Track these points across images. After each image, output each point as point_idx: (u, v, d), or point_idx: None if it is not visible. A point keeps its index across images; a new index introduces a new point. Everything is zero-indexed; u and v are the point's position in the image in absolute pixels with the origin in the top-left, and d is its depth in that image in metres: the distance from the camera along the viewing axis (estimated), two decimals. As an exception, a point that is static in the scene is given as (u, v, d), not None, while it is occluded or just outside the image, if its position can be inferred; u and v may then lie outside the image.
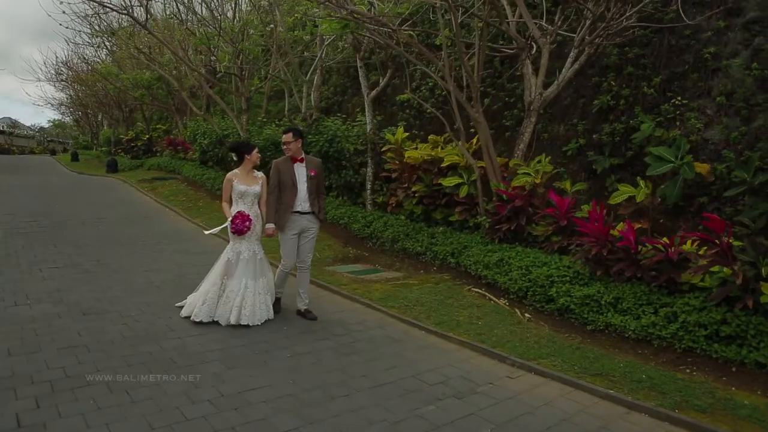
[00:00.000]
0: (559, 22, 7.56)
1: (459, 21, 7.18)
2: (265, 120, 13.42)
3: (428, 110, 10.65)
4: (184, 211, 12.32)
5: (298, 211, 5.58)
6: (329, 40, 10.89)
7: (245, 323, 5.32)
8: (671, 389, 4.09)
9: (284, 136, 5.63)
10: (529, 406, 3.89)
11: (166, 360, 4.44)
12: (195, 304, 5.51)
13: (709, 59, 6.99)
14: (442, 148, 8.79)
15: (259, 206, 5.63)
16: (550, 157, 7.93)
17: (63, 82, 29.73)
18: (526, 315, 5.87)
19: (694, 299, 4.84)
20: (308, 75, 10.92)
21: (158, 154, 21.86)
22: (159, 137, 23.22)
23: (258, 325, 5.39)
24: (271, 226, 5.51)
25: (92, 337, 4.91)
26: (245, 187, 5.46)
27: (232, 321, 5.30)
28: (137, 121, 26.72)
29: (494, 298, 6.37)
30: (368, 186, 10.23)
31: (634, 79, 7.66)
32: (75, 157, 29.57)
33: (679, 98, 7.08)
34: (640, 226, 6.07)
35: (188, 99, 16.09)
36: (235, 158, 5.52)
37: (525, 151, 7.81)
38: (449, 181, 7.91)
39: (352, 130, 10.67)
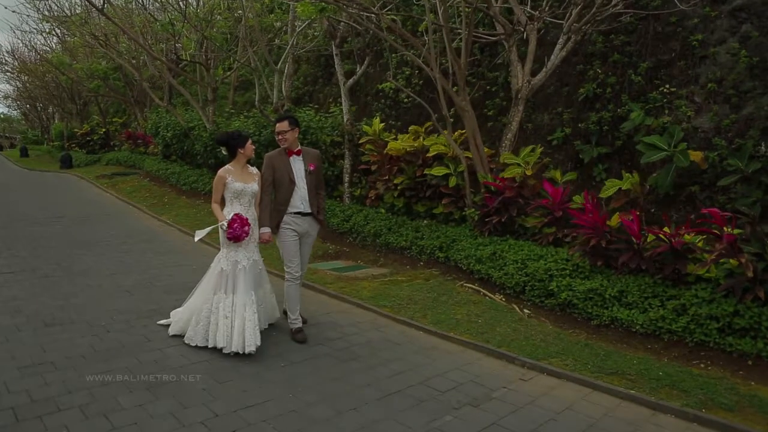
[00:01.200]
0: (546, 8, 7.34)
1: (447, 4, 6.86)
2: (232, 111, 12.82)
3: (405, 100, 10.35)
4: (149, 208, 11.64)
5: (297, 212, 4.88)
6: (301, 27, 10.41)
7: (252, 350, 4.41)
8: (692, 387, 3.91)
9: (278, 125, 4.85)
10: (551, 411, 3.64)
11: (146, 376, 3.99)
12: (183, 321, 4.82)
13: (697, 46, 6.89)
14: (423, 139, 8.49)
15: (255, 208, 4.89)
16: (542, 147, 7.73)
17: (8, 73, 27.98)
18: (526, 311, 5.64)
19: (702, 291, 4.69)
20: (279, 64, 10.41)
21: (116, 149, 20.80)
22: (116, 131, 22.11)
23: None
24: (266, 230, 4.79)
25: (59, 352, 4.39)
26: (242, 185, 4.66)
27: (235, 349, 4.40)
28: (92, 114, 25.40)
29: (489, 294, 6.12)
30: (346, 179, 9.84)
31: (620, 66, 7.52)
32: (24, 153, 28.00)
33: (667, 86, 6.97)
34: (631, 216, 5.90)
35: (149, 89, 15.25)
36: (225, 152, 4.82)
37: (513, 141, 7.59)
38: (438, 171, 7.62)
39: (326, 121, 10.25)
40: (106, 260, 7.65)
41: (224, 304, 4.55)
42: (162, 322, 5.16)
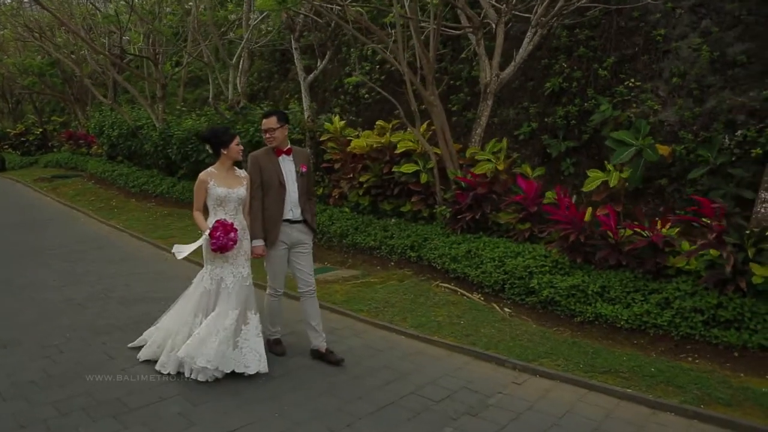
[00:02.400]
0: (514, 1, 7.26)
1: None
2: (183, 108, 12.20)
3: (366, 96, 10.11)
4: (97, 213, 10.90)
5: (287, 220, 4.30)
6: (257, 20, 9.96)
7: (240, 371, 3.98)
8: (686, 382, 3.87)
9: (265, 121, 4.28)
10: (552, 416, 3.50)
11: (112, 402, 3.59)
12: (157, 345, 4.25)
13: (660, 41, 6.97)
14: (390, 135, 8.27)
15: (244, 215, 4.29)
16: (509, 142, 7.66)
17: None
18: (506, 309, 5.53)
19: (684, 284, 4.70)
20: (234, 58, 9.94)
21: (55, 150, 19.52)
22: (55, 130, 20.76)
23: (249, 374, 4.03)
24: (259, 243, 4.22)
25: (6, 378, 3.92)
26: (225, 190, 4.07)
27: (216, 372, 3.93)
28: (27, 113, 23.78)
29: (467, 294, 5.98)
30: (308, 178, 9.50)
31: (585, 60, 7.54)
32: (-51, 156, 25.92)
33: (632, 80, 7.03)
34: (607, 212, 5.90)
35: (91, 86, 14.32)
36: (210, 151, 4.25)
37: (482, 136, 7.48)
38: (407, 168, 7.41)
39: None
40: (53, 271, 7.04)
41: (207, 325, 3.98)
42: (133, 344, 4.54)
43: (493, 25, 6.79)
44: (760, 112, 6.09)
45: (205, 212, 4.19)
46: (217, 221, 3.98)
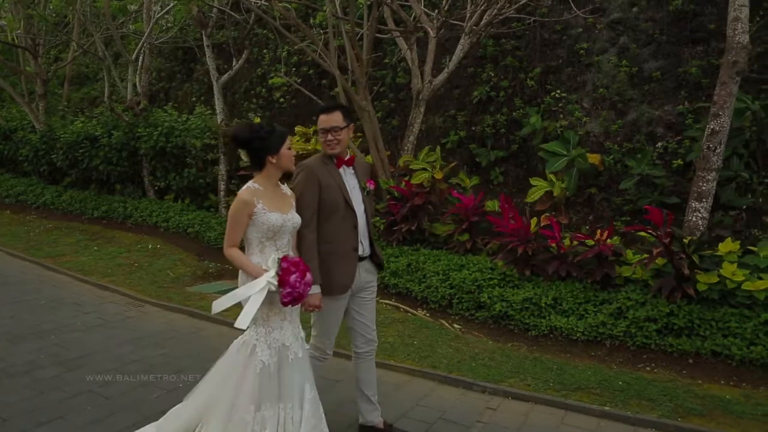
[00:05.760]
0: (446, 7, 7.14)
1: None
2: (67, 108, 10.79)
3: (281, 99, 9.54)
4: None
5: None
6: (160, 14, 9.01)
7: None
8: (655, 394, 3.85)
9: (325, 117, 3.11)
10: (541, 445, 3.28)
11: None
12: None
13: (583, 55, 7.21)
14: (316, 142, 7.81)
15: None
16: (438, 149, 7.51)
17: None
18: (456, 326, 5.30)
19: (633, 293, 4.75)
20: (134, 54, 8.91)
21: None
22: None
23: None
24: (317, 291, 3.01)
25: None
26: (279, 216, 2.87)
27: None
28: None
29: (411, 310, 5.68)
30: (222, 187, 8.73)
31: (511, 70, 7.62)
32: None
33: (558, 91, 7.19)
34: (560, 220, 5.92)
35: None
36: (245, 158, 3.30)
37: (414, 143, 7.27)
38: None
39: (194, 121, 9.00)
40: None
41: (272, 423, 2.79)
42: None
43: (430, 31, 6.60)
44: (675, 126, 6.46)
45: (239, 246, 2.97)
46: (285, 260, 2.77)
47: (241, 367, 2.82)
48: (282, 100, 9.49)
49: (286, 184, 3.09)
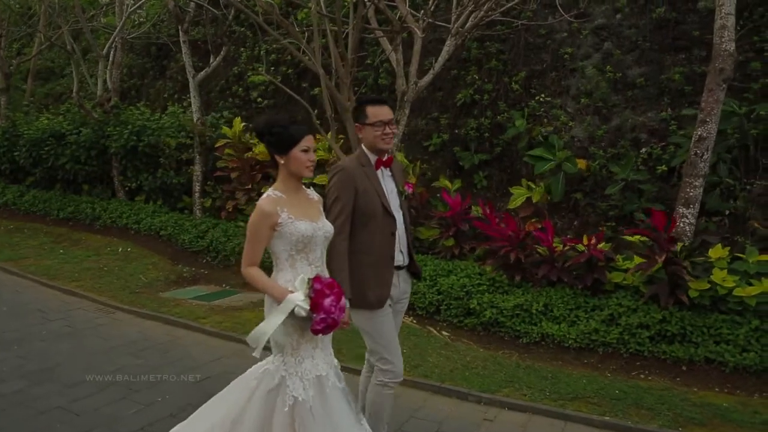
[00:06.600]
0: (432, 7, 7.03)
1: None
2: (31, 104, 10.30)
3: (259, 99, 9.28)
4: None
5: (394, 266, 2.92)
6: (133, 7, 8.66)
7: None
8: (653, 403, 3.78)
9: (374, 110, 2.85)
10: (544, 459, 3.16)
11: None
12: None
13: (567, 59, 7.20)
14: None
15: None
16: (418, 152, 7.41)
17: None
18: (444, 333, 5.16)
19: (625, 299, 4.70)
20: (105, 49, 8.54)
21: None
22: None
23: None
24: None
25: None
26: (310, 225, 2.50)
27: None
28: None
29: (398, 316, 5.52)
30: (197, 188, 8.42)
31: (495, 73, 7.56)
32: None
33: (542, 95, 7.16)
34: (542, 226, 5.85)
35: None
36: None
37: (399, 145, 7.12)
38: (321, 179, 6.80)
39: (167, 120, 8.68)
40: None
41: None
42: None
43: (417, 31, 6.47)
44: (659, 132, 6.49)
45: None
46: (318, 281, 2.37)
47: (260, 402, 2.39)
48: (259, 99, 9.25)
49: (311, 188, 2.75)
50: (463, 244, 6.01)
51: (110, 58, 8.84)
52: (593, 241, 5.07)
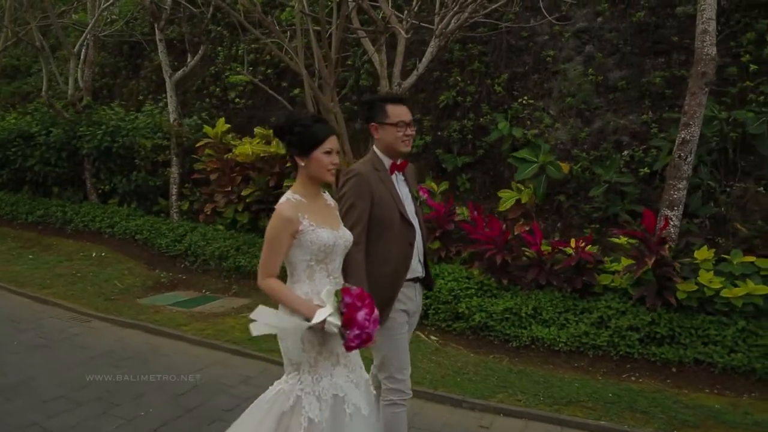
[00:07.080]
0: (416, 8, 6.97)
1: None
2: (-4, 103, 9.90)
3: (237, 100, 9.10)
4: None
5: (412, 279, 2.76)
6: (107, 4, 8.38)
7: None
8: (647, 406, 3.78)
9: (401, 109, 2.70)
10: (545, 467, 3.12)
11: None
12: None
13: (549, 62, 7.22)
14: (279, 144, 7.44)
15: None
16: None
17: None
18: (433, 338, 5.10)
19: (613, 301, 4.71)
20: (77, 46, 8.24)
21: None
22: None
23: None
24: None
25: None
26: (331, 233, 2.33)
27: None
28: None
29: (385, 320, 5.43)
30: (174, 190, 8.19)
31: (478, 76, 7.55)
32: None
33: (525, 98, 7.17)
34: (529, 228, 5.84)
35: None
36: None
37: (382, 148, 7.04)
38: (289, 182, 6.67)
39: (143, 120, 8.42)
40: None
41: None
42: None
43: (401, 32, 6.40)
44: (640, 134, 6.56)
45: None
46: (347, 293, 2.19)
47: (272, 424, 2.21)
48: (237, 100, 9.06)
49: (328, 192, 2.54)
50: (449, 246, 5.96)
51: (81, 56, 8.54)
52: (582, 243, 5.07)
